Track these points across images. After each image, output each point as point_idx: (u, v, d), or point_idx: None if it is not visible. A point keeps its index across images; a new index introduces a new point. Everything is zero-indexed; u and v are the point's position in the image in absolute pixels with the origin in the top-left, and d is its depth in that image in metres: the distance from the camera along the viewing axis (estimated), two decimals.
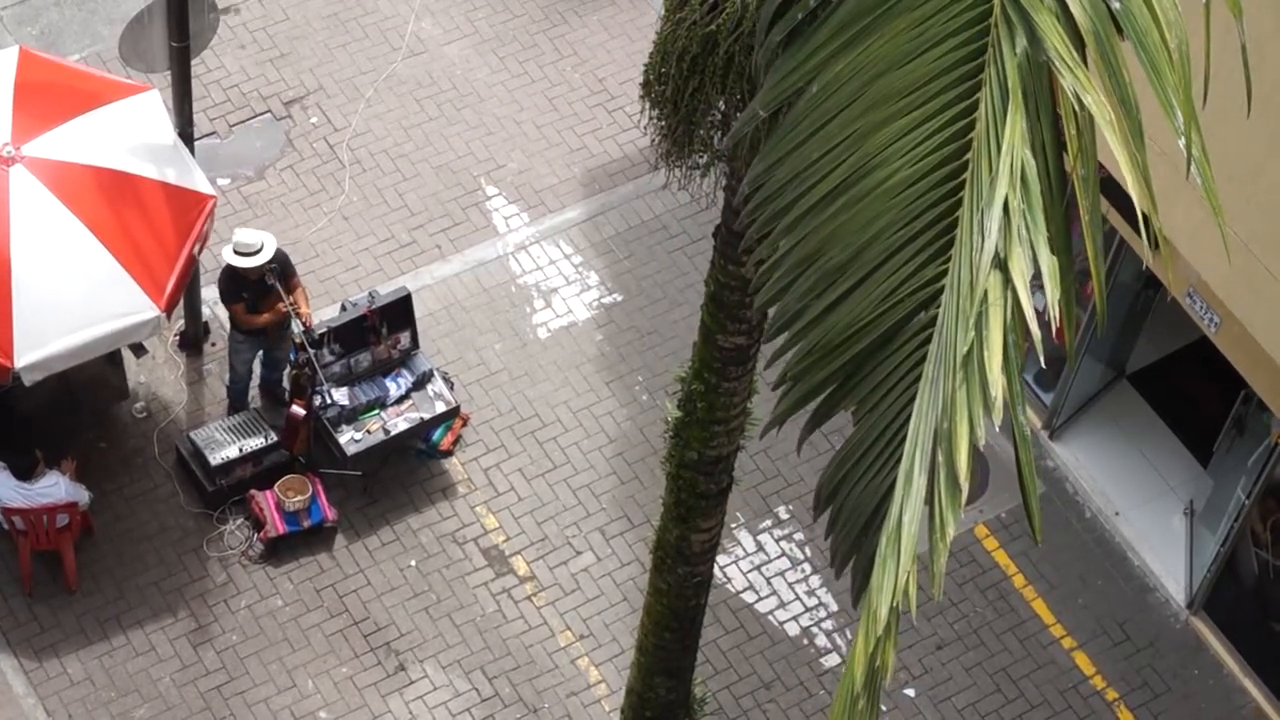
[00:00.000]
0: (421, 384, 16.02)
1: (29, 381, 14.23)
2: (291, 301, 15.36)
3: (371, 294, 15.94)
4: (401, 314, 15.91)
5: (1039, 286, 6.31)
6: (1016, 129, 6.47)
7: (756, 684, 15.46)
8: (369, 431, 15.74)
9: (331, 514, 15.58)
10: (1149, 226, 6.39)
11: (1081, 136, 6.48)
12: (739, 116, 9.09)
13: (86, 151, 14.53)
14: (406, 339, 16.03)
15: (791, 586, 15.94)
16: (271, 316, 15.48)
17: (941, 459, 6.37)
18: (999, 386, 6.28)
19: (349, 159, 17.65)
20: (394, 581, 15.59)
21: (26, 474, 14.76)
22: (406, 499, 15.99)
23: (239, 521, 15.66)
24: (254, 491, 15.56)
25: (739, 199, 7.51)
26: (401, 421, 15.83)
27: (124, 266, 14.29)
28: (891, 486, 6.61)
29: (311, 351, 15.30)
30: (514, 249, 17.36)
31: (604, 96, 18.30)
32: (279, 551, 15.57)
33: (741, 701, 15.38)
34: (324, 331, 15.54)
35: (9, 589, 15.26)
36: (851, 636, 15.63)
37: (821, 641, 15.72)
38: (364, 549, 15.72)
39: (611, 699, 15.19)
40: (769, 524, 16.21)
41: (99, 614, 15.21)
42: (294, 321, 15.41)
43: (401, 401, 15.93)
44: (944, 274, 6.64)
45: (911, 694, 15.53)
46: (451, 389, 16.19)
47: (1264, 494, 15.05)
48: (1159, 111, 6.70)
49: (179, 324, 16.34)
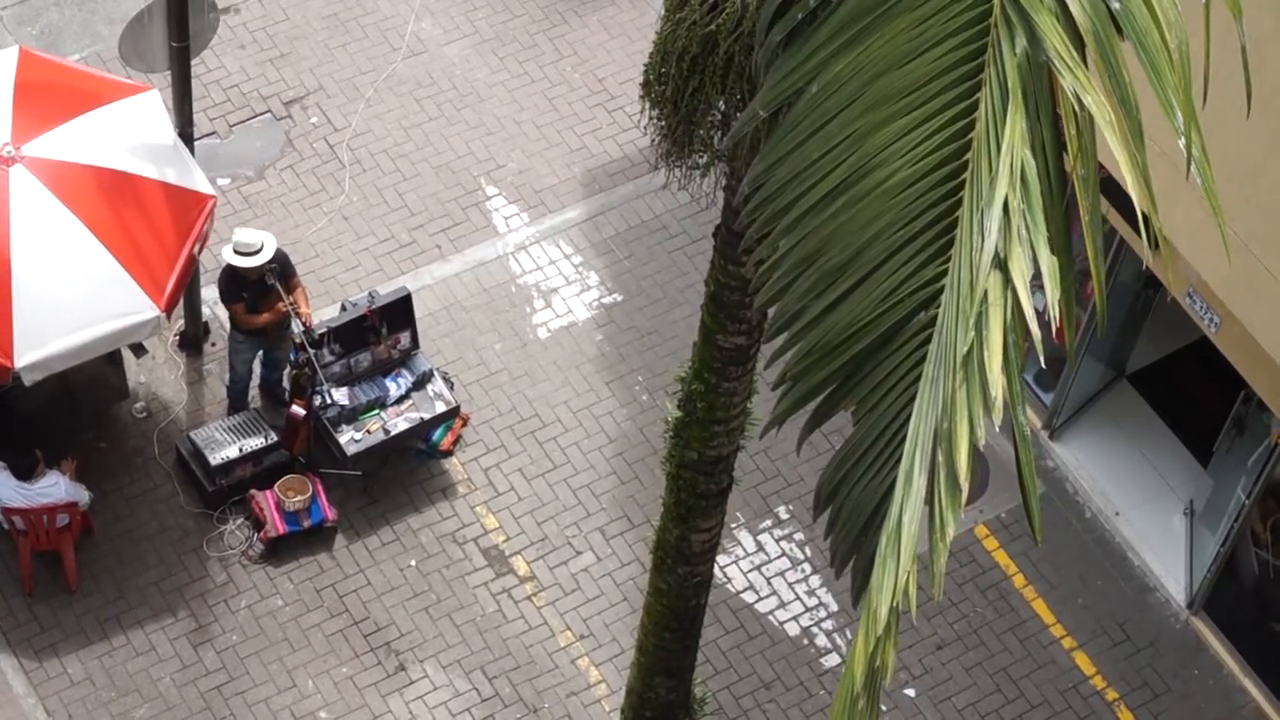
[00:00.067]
0: (421, 384, 16.02)
1: (29, 381, 14.23)
2: (291, 301, 15.36)
3: (371, 294, 15.93)
4: (401, 314, 15.91)
5: (1039, 286, 6.31)
6: (1016, 129, 6.48)
7: (756, 684, 15.46)
8: (369, 431, 15.74)
9: (331, 514, 15.58)
10: (1149, 226, 6.39)
11: (1081, 136, 6.48)
12: (739, 116, 9.09)
13: (86, 151, 14.53)
14: (406, 339, 16.03)
15: (791, 586, 15.94)
16: (271, 316, 15.48)
17: (941, 459, 6.37)
18: (999, 386, 6.28)
19: (349, 159, 17.65)
20: (394, 581, 15.59)
21: (26, 474, 14.76)
22: (406, 499, 15.99)
23: (239, 521, 15.66)
24: (254, 491, 15.56)
25: (739, 199, 7.51)
26: (401, 421, 15.83)
27: (124, 266, 14.29)
28: (891, 486, 6.62)
29: (311, 351, 15.30)
30: (514, 249, 17.36)
31: (604, 96, 18.30)
32: (279, 551, 15.57)
33: (741, 701, 15.38)
34: (324, 331, 15.54)
35: (9, 589, 15.26)
36: (851, 636, 15.63)
37: (821, 641, 15.71)
38: (364, 549, 15.72)
39: (611, 699, 15.19)
40: (769, 524, 16.21)
41: (99, 614, 15.21)
42: (294, 321, 15.41)
43: (401, 401, 15.93)
44: (944, 274, 6.64)
45: (911, 694, 15.53)
46: (451, 389, 16.19)
47: (1264, 494, 15.05)
48: (1159, 111, 6.71)
49: (179, 324, 16.34)
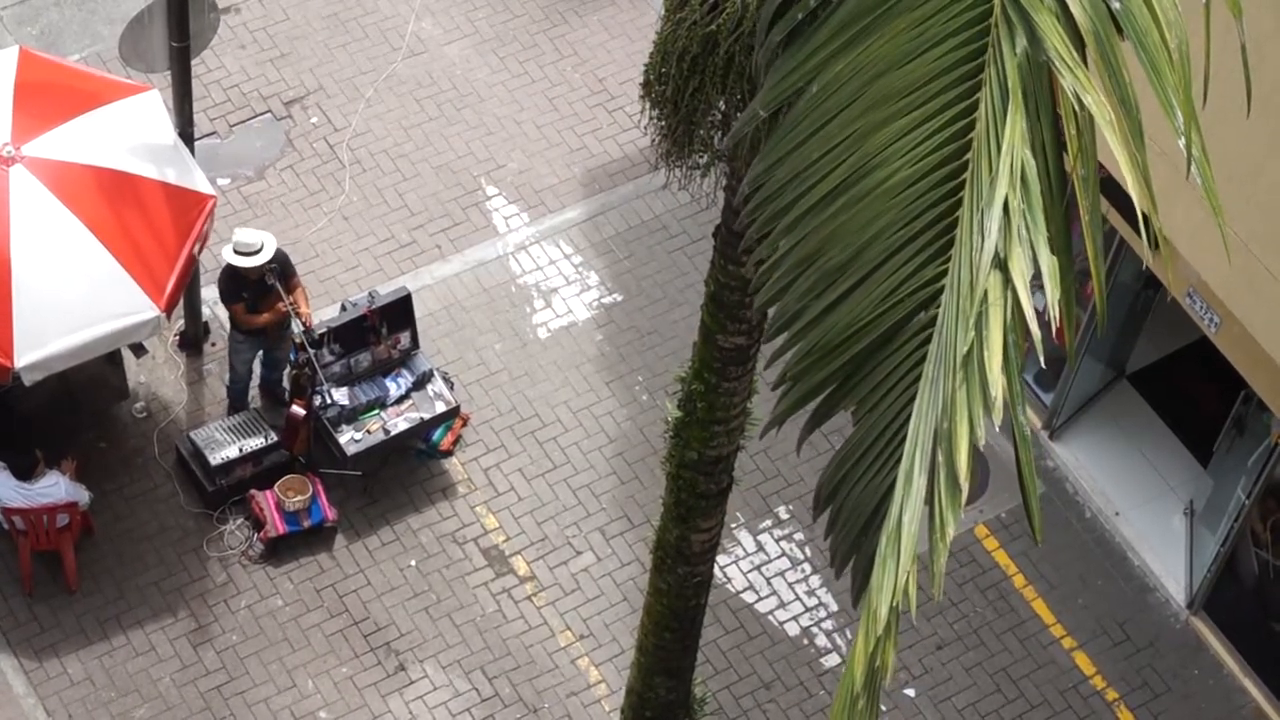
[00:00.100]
0: (421, 384, 16.02)
1: (29, 381, 14.23)
2: (291, 301, 15.36)
3: (371, 294, 15.93)
4: (401, 314, 15.90)
5: (1039, 286, 6.31)
6: (1016, 129, 6.48)
7: (756, 684, 15.46)
8: (369, 431, 15.74)
9: (331, 514, 15.58)
10: (1149, 226, 6.39)
11: (1081, 136, 6.48)
12: (739, 116, 9.09)
13: (86, 151, 14.52)
14: (406, 339, 16.03)
15: (791, 586, 15.94)
16: (271, 316, 15.47)
17: (941, 459, 6.37)
18: (999, 386, 6.29)
19: (349, 159, 17.65)
20: (394, 581, 15.58)
21: (26, 474, 14.76)
22: (406, 499, 15.99)
23: (239, 521, 15.66)
24: (254, 491, 15.55)
25: (739, 199, 7.51)
26: (401, 421, 15.83)
27: (124, 266, 14.28)
28: (891, 486, 6.62)
29: (311, 351, 15.30)
30: (514, 249, 17.36)
31: (604, 96, 18.30)
32: (279, 551, 15.57)
33: (741, 701, 15.37)
34: (324, 331, 15.54)
35: (9, 589, 15.26)
36: (851, 636, 15.63)
37: (821, 641, 15.71)
38: (364, 549, 15.72)
39: (611, 699, 15.19)
40: (769, 524, 16.21)
41: (99, 614, 15.21)
42: (294, 321, 15.41)
43: (401, 401, 15.93)
44: (944, 274, 6.64)
45: (911, 694, 15.53)
46: (451, 389, 16.19)
47: (1264, 494, 15.05)
48: (1159, 111, 6.71)
49: (179, 324, 16.34)
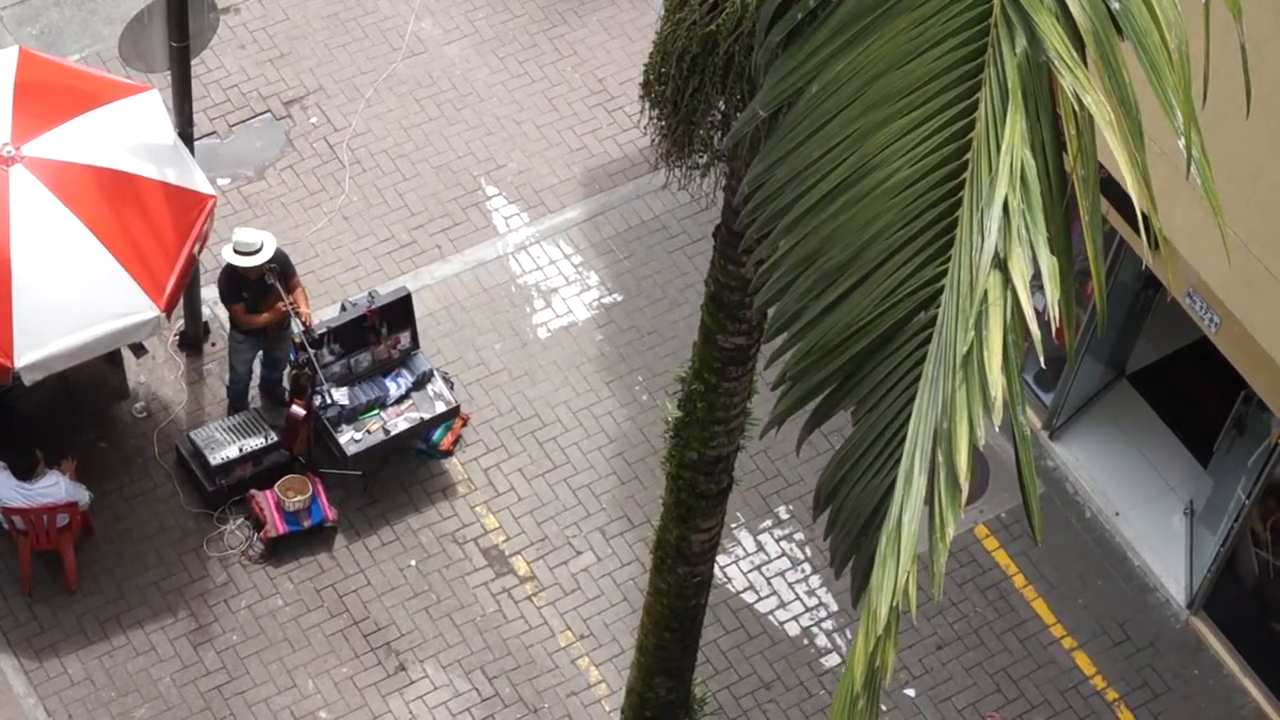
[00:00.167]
0: (421, 384, 16.02)
1: (29, 381, 14.23)
2: (291, 301, 15.36)
3: (371, 294, 15.93)
4: (401, 314, 15.90)
5: (1039, 286, 6.31)
6: (1016, 129, 6.48)
7: (756, 684, 15.46)
8: (369, 431, 15.74)
9: (331, 514, 15.58)
10: (1149, 226, 6.39)
11: (1081, 136, 6.48)
12: (739, 116, 9.08)
13: (86, 151, 14.53)
14: (406, 339, 16.03)
15: (791, 586, 15.94)
16: (271, 316, 15.47)
17: (941, 459, 6.37)
18: (999, 386, 6.29)
19: (349, 159, 17.65)
20: (394, 581, 15.58)
21: (26, 474, 14.76)
22: (406, 499, 15.99)
23: (239, 521, 15.66)
24: (254, 491, 15.55)
25: (739, 199, 7.51)
26: (401, 421, 15.83)
27: (124, 266, 14.28)
28: (891, 486, 6.62)
29: (311, 351, 15.30)
30: (514, 249, 17.36)
31: (604, 96, 18.30)
32: (279, 551, 15.57)
33: (741, 701, 15.37)
34: (324, 331, 15.54)
35: (9, 589, 15.26)
36: (851, 636, 15.63)
37: (821, 641, 15.71)
38: (364, 549, 15.72)
39: (611, 699, 15.19)
40: (769, 524, 16.21)
41: (99, 614, 15.21)
42: (294, 321, 15.41)
43: (401, 401, 15.93)
44: (944, 274, 6.64)
45: (911, 694, 15.53)
46: (451, 389, 16.19)
47: (1264, 494, 15.05)
48: (1159, 112, 6.71)
49: (179, 324, 16.34)
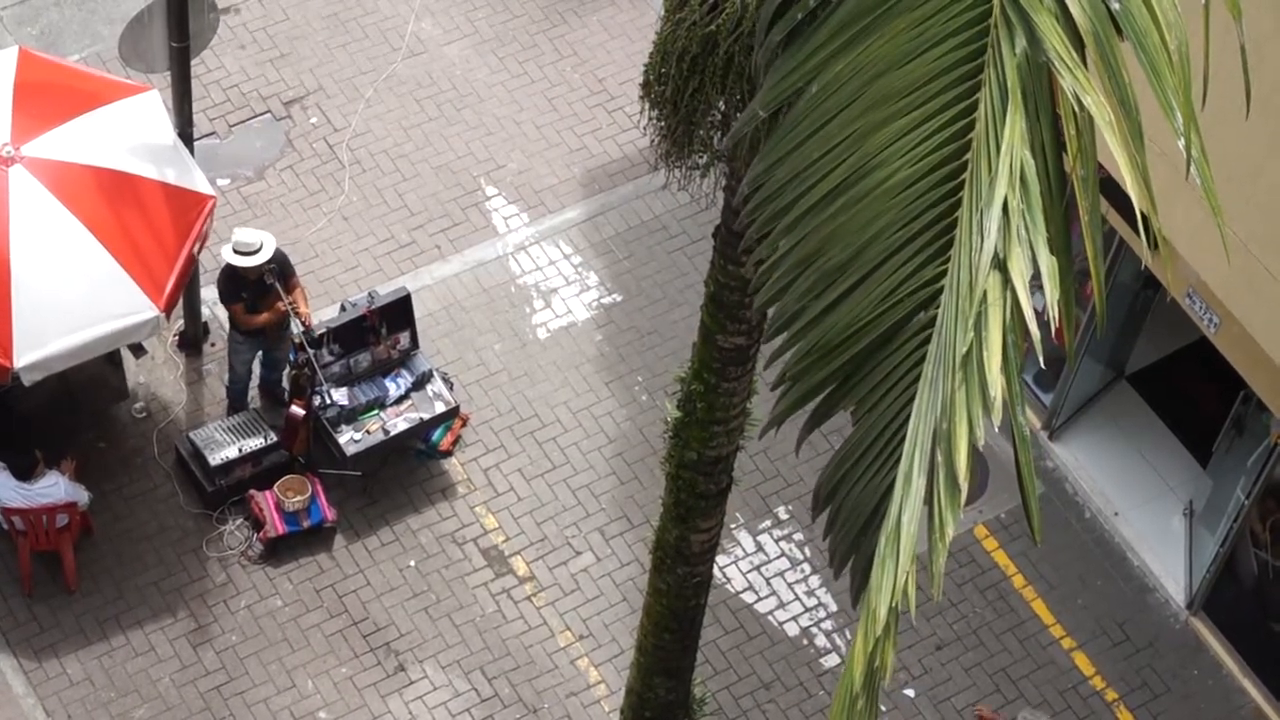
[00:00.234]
0: (421, 384, 16.02)
1: (29, 381, 14.23)
2: (291, 301, 15.36)
3: (371, 294, 15.93)
4: (401, 314, 15.90)
5: (1039, 287, 6.32)
6: (1016, 129, 6.48)
7: (756, 684, 15.46)
8: (369, 432, 15.74)
9: (331, 514, 15.58)
10: (1149, 227, 6.39)
11: (1081, 137, 6.49)
12: (739, 116, 9.09)
13: (86, 151, 14.52)
14: (406, 339, 16.03)
15: (791, 586, 15.94)
16: (271, 316, 15.47)
17: (941, 459, 6.37)
18: (998, 387, 6.29)
19: (349, 159, 17.65)
20: (394, 581, 15.58)
21: (26, 474, 14.76)
22: (406, 499, 15.99)
23: (239, 521, 15.66)
24: (253, 491, 15.55)
25: (739, 199, 7.51)
26: (401, 422, 15.83)
27: (123, 266, 14.28)
28: (891, 486, 6.62)
29: (311, 351, 15.30)
30: (514, 249, 17.36)
31: (604, 96, 18.30)
32: (279, 551, 15.57)
33: (741, 701, 15.37)
34: (323, 331, 15.54)
35: (9, 589, 15.26)
36: (851, 637, 15.61)
37: (821, 641, 15.72)
38: (364, 549, 15.72)
39: (611, 699, 15.19)
40: (769, 524, 16.21)
41: (99, 614, 15.21)
42: (293, 321, 15.41)
43: (401, 401, 15.93)
44: (943, 274, 6.64)
45: (911, 694, 15.53)
46: (451, 389, 16.19)
47: (1263, 494, 15.05)
48: (1159, 112, 6.71)
49: (178, 324, 16.34)
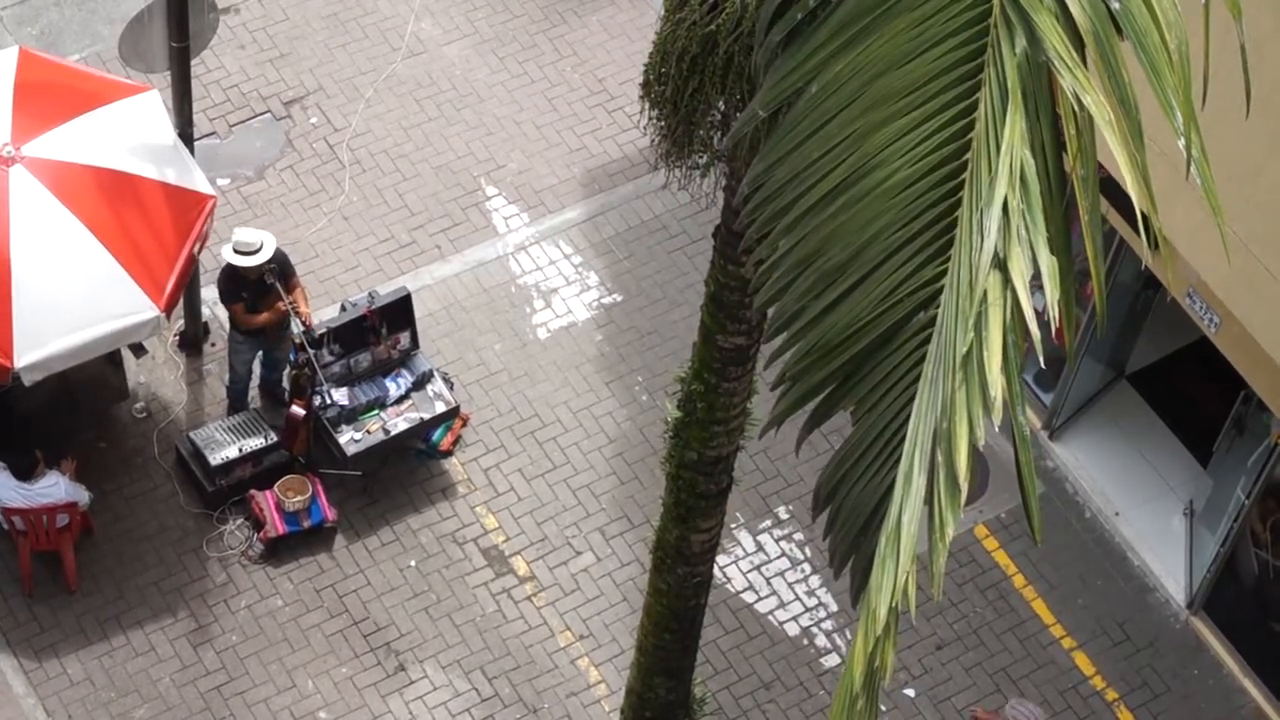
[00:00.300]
0: (421, 384, 16.02)
1: (29, 381, 14.23)
2: (291, 301, 15.36)
3: (371, 294, 15.93)
4: (401, 314, 15.90)
5: (1039, 287, 6.31)
6: (1016, 129, 6.48)
7: (756, 684, 15.46)
8: (369, 431, 15.74)
9: (331, 514, 15.58)
10: (1149, 226, 6.39)
11: (1081, 136, 6.48)
12: (739, 116, 9.08)
13: (86, 151, 14.52)
14: (406, 339, 16.03)
15: (791, 586, 15.94)
16: (271, 316, 15.47)
17: (941, 459, 6.37)
18: (998, 387, 6.29)
19: (349, 159, 17.65)
20: (394, 581, 15.58)
21: (26, 474, 14.76)
22: (406, 499, 15.99)
23: (239, 521, 15.66)
24: (254, 491, 15.55)
25: (739, 199, 7.51)
26: (401, 421, 15.82)
27: (124, 266, 14.28)
28: (891, 486, 6.62)
29: (311, 351, 15.30)
30: (514, 249, 17.36)
31: (604, 96, 18.30)
32: (279, 551, 15.57)
33: (741, 701, 15.37)
34: (324, 331, 15.54)
35: (9, 589, 15.26)
36: (851, 636, 15.62)
37: (821, 641, 15.71)
38: (364, 549, 15.72)
39: (611, 699, 15.19)
40: (769, 524, 16.21)
41: (99, 614, 15.21)
42: (294, 321, 15.41)
43: (401, 401, 15.92)
44: (944, 274, 6.64)
45: (911, 694, 15.53)
46: (451, 389, 16.19)
47: (1264, 494, 15.05)
48: (1159, 112, 6.71)
49: (179, 324, 16.34)
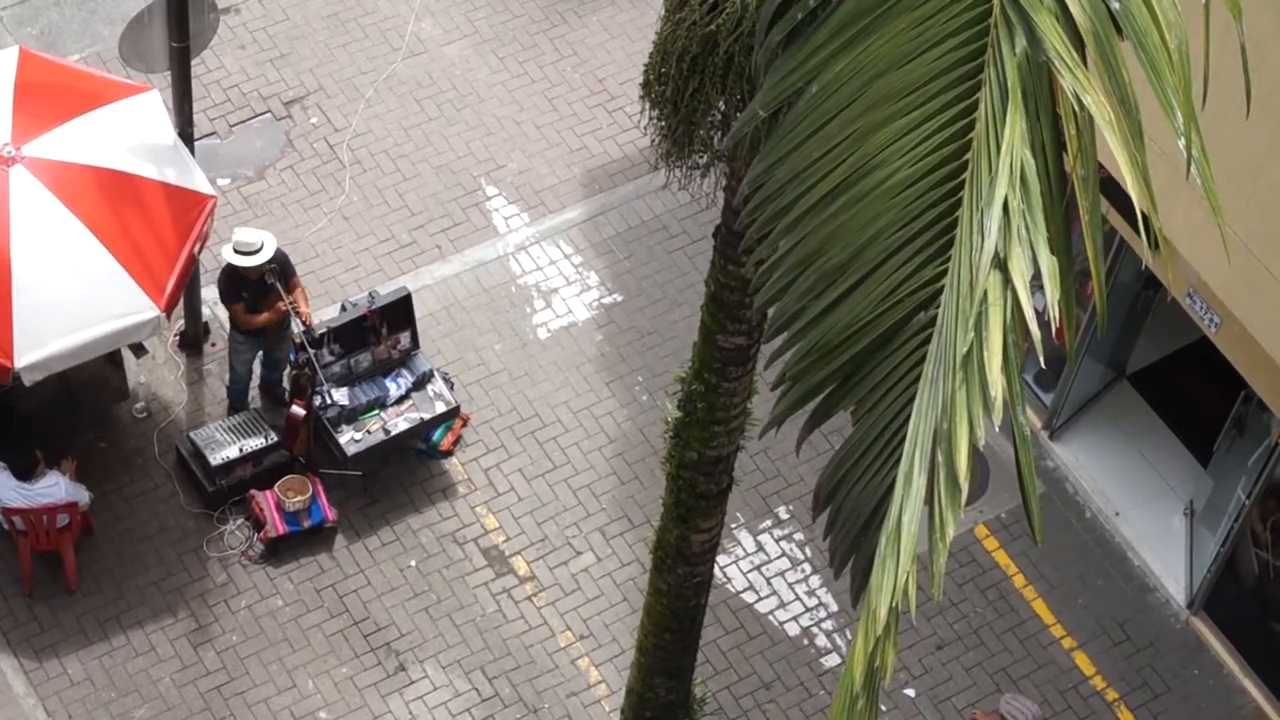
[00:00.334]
0: (421, 384, 16.02)
1: (29, 381, 14.23)
2: (291, 301, 15.36)
3: (371, 294, 15.93)
4: (401, 314, 15.90)
5: (1039, 287, 6.31)
6: (1016, 129, 6.48)
7: (756, 684, 15.46)
8: (369, 431, 15.74)
9: (331, 514, 15.58)
10: (1149, 226, 6.39)
11: (1081, 136, 6.48)
12: (739, 116, 9.09)
13: (86, 151, 14.52)
14: (406, 339, 16.03)
15: (791, 586, 15.94)
16: (271, 316, 15.47)
17: (941, 459, 6.37)
18: (999, 387, 6.29)
19: (349, 159, 17.65)
20: (394, 581, 15.58)
21: (26, 474, 14.76)
22: (406, 499, 15.99)
23: (239, 521, 15.66)
24: (254, 491, 15.55)
25: (739, 199, 7.51)
26: (401, 421, 15.82)
27: (124, 266, 14.28)
28: (891, 486, 6.62)
29: (311, 351, 15.30)
30: (514, 249, 17.36)
31: (604, 96, 18.30)
32: (279, 551, 15.57)
33: (741, 701, 15.37)
34: (324, 331, 15.54)
35: (9, 589, 15.26)
36: (851, 636, 15.62)
37: (821, 641, 15.71)
38: (364, 549, 15.72)
39: (611, 699, 15.19)
40: (769, 524, 16.21)
41: (99, 614, 15.21)
42: (294, 321, 15.41)
43: (401, 401, 15.92)
44: (944, 274, 6.64)
45: (911, 694, 15.53)
46: (451, 389, 16.19)
47: (1264, 494, 15.05)
48: (1159, 112, 6.71)
49: (179, 324, 16.34)
